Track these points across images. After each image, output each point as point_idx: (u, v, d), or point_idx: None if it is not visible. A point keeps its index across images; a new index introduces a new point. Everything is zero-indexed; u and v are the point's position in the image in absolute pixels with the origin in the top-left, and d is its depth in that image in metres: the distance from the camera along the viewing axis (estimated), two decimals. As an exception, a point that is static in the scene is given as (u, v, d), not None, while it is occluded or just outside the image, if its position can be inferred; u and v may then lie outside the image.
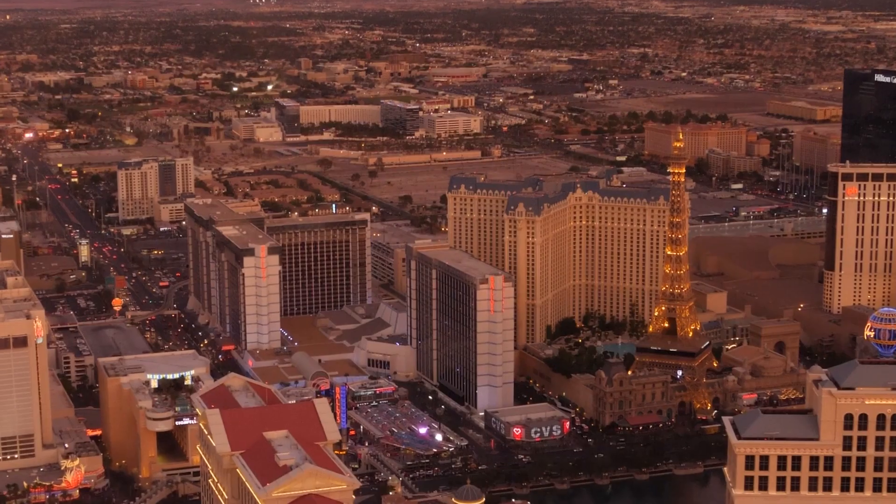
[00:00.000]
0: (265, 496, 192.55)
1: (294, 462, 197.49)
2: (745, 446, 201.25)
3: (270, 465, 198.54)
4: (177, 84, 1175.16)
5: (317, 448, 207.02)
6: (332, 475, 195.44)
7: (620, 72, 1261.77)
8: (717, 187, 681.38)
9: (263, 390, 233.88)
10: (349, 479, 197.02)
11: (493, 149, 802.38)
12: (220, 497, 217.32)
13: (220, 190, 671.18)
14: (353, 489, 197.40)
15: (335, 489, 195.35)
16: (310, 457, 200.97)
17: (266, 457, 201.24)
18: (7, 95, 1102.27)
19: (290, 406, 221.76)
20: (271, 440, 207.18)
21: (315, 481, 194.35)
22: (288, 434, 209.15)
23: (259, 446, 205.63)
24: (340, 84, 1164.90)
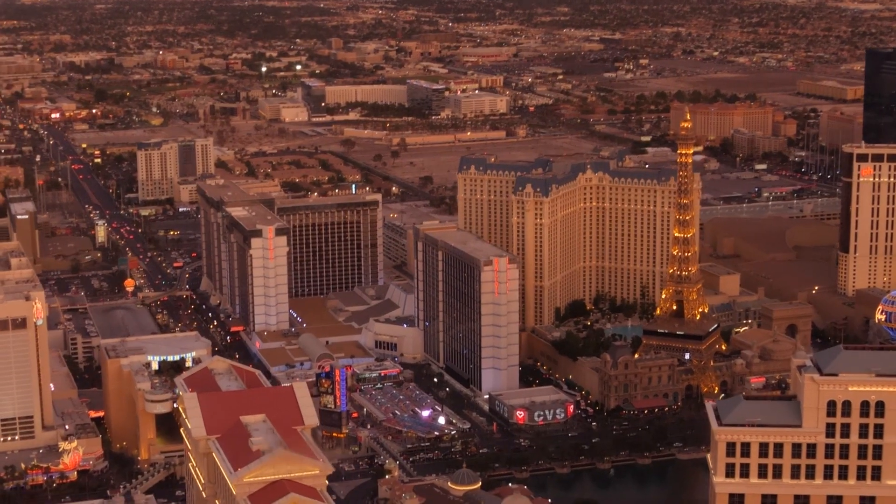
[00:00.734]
0: (236, 481, 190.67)
1: (267, 447, 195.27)
2: (726, 433, 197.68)
3: (244, 449, 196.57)
4: (206, 64, 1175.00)
5: (294, 433, 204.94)
6: (304, 460, 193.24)
7: (652, 51, 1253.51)
8: (740, 167, 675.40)
9: (247, 373, 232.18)
10: (322, 464, 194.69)
11: (518, 129, 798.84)
12: (198, 481, 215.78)
13: (241, 170, 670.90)
14: (326, 474, 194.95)
15: (308, 474, 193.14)
16: (285, 442, 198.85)
17: (241, 441, 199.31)
18: (38, 76, 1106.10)
19: (268, 390, 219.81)
20: (247, 424, 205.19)
21: (287, 466, 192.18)
22: (265, 418, 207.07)
23: (235, 431, 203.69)
24: (370, 64, 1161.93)
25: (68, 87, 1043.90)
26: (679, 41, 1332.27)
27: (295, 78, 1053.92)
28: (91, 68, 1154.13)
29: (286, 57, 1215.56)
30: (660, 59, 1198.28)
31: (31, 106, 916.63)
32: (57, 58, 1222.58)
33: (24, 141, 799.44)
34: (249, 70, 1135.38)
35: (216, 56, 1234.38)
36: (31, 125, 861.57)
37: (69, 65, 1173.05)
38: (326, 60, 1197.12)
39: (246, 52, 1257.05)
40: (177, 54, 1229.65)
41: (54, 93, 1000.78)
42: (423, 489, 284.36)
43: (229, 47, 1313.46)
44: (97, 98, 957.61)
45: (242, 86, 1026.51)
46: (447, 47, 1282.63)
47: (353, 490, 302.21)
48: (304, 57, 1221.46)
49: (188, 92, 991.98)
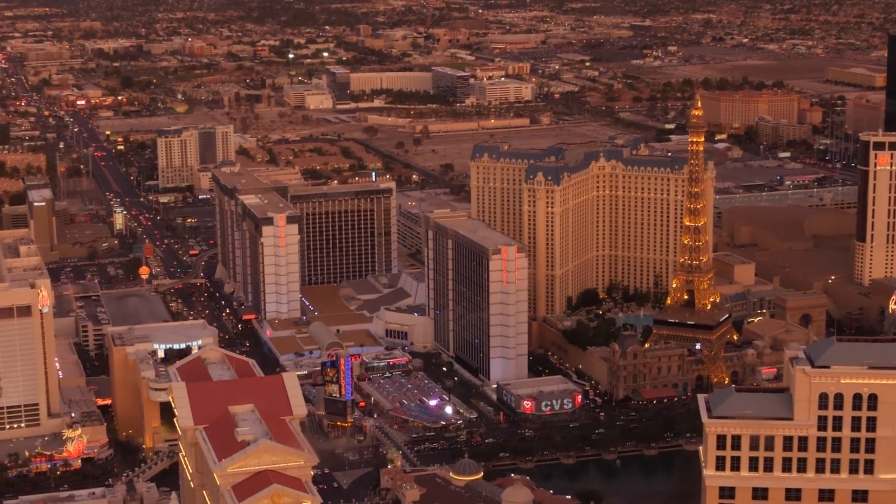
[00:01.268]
0: (220, 472, 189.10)
1: (253, 437, 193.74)
2: (717, 425, 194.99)
3: (230, 440, 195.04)
4: (234, 51, 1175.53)
5: (282, 423, 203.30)
6: (289, 451, 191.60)
7: (682, 38, 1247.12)
8: (764, 156, 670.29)
9: (240, 363, 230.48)
10: (308, 455, 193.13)
11: (542, 116, 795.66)
12: (187, 471, 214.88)
13: (263, 157, 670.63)
14: (311, 465, 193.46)
15: (292, 465, 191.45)
16: (272, 432, 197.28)
17: (227, 431, 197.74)
18: (66, 63, 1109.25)
19: (257, 380, 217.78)
20: (235, 414, 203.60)
21: (271, 457, 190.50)
22: (253, 408, 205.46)
23: (222, 421, 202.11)
24: (398, 51, 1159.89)
25: (96, 74, 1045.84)
26: (709, 28, 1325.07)
27: (321, 65, 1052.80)
28: (119, 55, 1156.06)
29: (314, 44, 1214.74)
30: (689, 46, 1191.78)
31: (57, 93, 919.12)
32: (86, 45, 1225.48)
33: (48, 128, 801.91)
34: (277, 57, 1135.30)
35: (244, 43, 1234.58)
36: (56, 112, 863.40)
37: (97, 52, 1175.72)
38: (354, 47, 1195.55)
39: (274, 39, 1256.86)
40: (205, 41, 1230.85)
41: (81, 80, 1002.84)
42: (425, 479, 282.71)
43: (258, 34, 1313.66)
44: (123, 85, 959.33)
45: (269, 73, 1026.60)
46: (476, 34, 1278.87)
47: (356, 480, 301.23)
48: (331, 44, 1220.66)
49: (214, 79, 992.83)
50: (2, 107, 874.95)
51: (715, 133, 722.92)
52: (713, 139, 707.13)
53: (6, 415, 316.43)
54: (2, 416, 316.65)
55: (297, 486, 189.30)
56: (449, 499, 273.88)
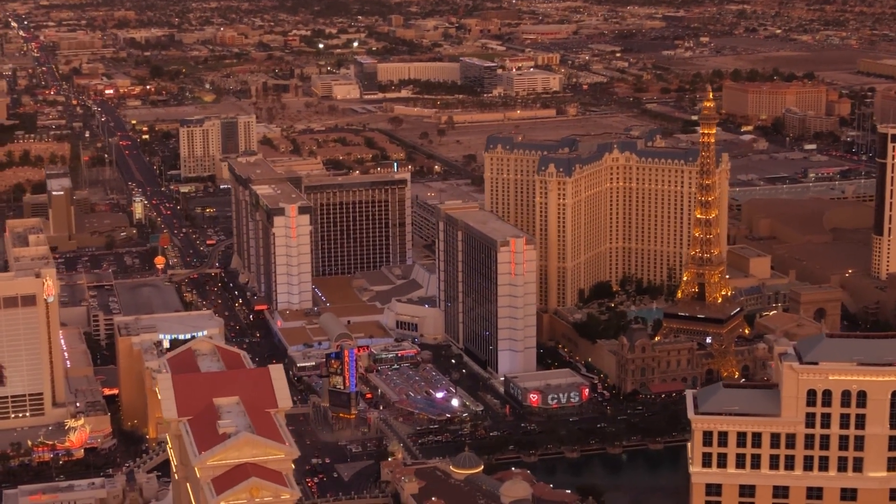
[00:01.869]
0: (200, 464, 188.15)
1: (234, 430, 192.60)
2: (703, 421, 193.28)
3: (212, 432, 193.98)
4: (265, 41, 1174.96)
5: (266, 415, 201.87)
6: (269, 444, 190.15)
7: (715, 29, 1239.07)
8: (790, 147, 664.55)
9: (231, 355, 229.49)
10: (288, 448, 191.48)
11: (569, 107, 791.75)
12: (172, 463, 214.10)
13: (287, 147, 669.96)
14: (291, 459, 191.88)
15: (273, 458, 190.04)
16: (255, 425, 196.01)
17: (210, 424, 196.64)
18: (97, 52, 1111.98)
19: (243, 372, 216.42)
20: (219, 407, 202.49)
21: (252, 450, 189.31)
22: (238, 401, 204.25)
23: (206, 413, 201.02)
24: (428, 41, 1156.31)
25: (126, 64, 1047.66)
26: (743, 19, 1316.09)
27: (351, 55, 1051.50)
28: (151, 44, 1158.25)
29: (345, 34, 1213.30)
30: (721, 36, 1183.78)
31: (86, 82, 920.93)
32: (118, 34, 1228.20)
33: (75, 117, 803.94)
34: (307, 47, 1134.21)
35: (276, 33, 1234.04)
36: (84, 101, 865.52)
37: (129, 41, 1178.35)
38: (385, 37, 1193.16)
39: (306, 29, 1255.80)
40: (237, 31, 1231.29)
41: (112, 69, 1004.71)
42: (425, 472, 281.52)
43: (290, 24, 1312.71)
44: (153, 74, 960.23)
45: (298, 63, 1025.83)
46: (507, 24, 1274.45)
47: (357, 472, 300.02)
48: (363, 34, 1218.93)
49: (244, 69, 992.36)
50: (31, 96, 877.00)
51: (741, 125, 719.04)
52: (739, 131, 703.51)
53: (10, 404, 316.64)
54: (6, 406, 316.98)
55: (277, 480, 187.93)
56: (448, 492, 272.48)
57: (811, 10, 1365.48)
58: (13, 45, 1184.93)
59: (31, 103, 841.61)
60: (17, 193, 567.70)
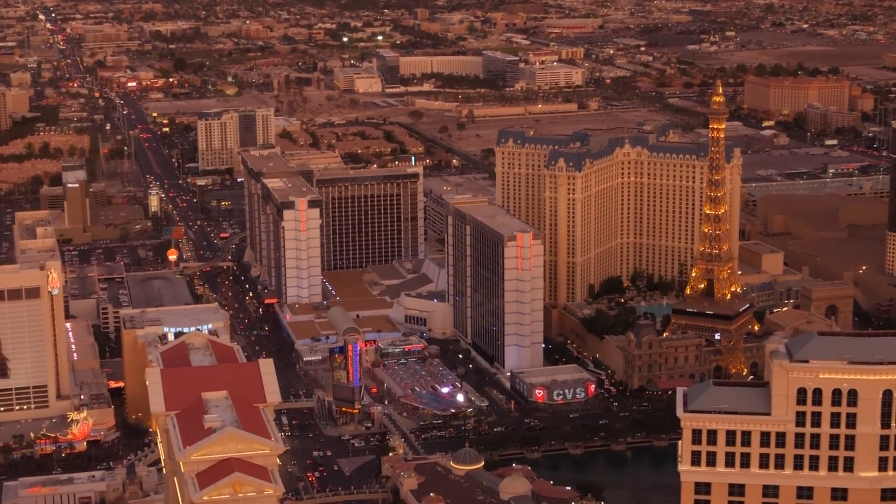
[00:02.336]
0: (184, 458, 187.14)
1: (219, 425, 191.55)
2: (692, 419, 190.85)
3: (198, 426, 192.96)
4: (290, 34, 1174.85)
5: (254, 410, 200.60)
6: (254, 439, 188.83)
7: (741, 23, 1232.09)
8: (811, 143, 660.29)
9: (224, 349, 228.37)
10: (273, 443, 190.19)
11: (591, 101, 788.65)
12: (161, 457, 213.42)
13: (306, 140, 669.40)
14: (277, 454, 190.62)
15: (258, 453, 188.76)
16: (242, 419, 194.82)
17: (196, 418, 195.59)
18: (122, 45, 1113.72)
19: (233, 366, 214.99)
20: (207, 401, 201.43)
21: (236, 445, 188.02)
22: (227, 395, 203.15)
23: (194, 407, 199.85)
24: (453, 35, 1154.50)
25: (151, 57, 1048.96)
26: (770, 13, 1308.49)
27: (376, 48, 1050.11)
28: (176, 37, 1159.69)
29: (370, 27, 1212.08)
30: (747, 31, 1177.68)
31: (109, 74, 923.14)
32: (144, 27, 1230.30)
33: (97, 109, 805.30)
34: (332, 40, 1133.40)
35: (301, 26, 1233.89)
36: (106, 94, 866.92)
37: (155, 34, 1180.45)
38: (410, 31, 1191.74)
39: (332, 22, 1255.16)
40: (262, 24, 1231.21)
41: (136, 62, 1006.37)
42: (426, 468, 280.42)
43: (316, 17, 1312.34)
44: (176, 67, 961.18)
45: (322, 56, 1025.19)
46: (533, 18, 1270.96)
47: (359, 467, 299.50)
48: (388, 27, 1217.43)
49: (267, 62, 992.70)
50: (54, 88, 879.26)
51: (763, 120, 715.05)
52: (760, 126, 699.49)
53: (15, 396, 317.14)
54: (10, 398, 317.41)
55: (262, 475, 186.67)
56: (447, 488, 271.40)
57: (839, 5, 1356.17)
58: (40, 37, 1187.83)
59: (53, 96, 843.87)
60: (35, 185, 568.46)
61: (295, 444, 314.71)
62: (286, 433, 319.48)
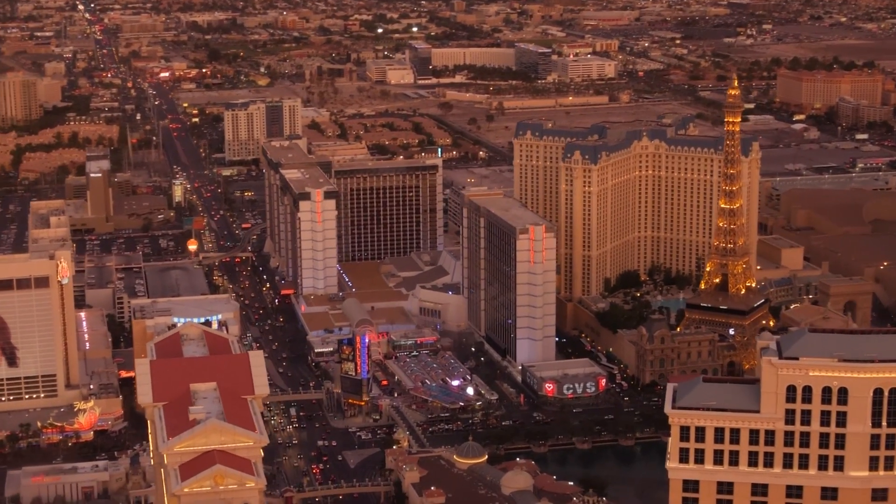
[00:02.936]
0: (167, 450, 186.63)
1: (204, 416, 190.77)
2: (680, 416, 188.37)
3: (183, 418, 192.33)
4: (326, 25, 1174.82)
5: (241, 402, 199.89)
6: (237, 431, 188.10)
7: (779, 16, 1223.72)
8: (842, 137, 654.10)
9: (218, 340, 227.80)
10: (257, 436, 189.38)
11: (622, 94, 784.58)
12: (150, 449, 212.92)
13: (334, 132, 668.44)
14: (260, 446, 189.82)
15: (241, 446, 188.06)
16: (229, 411, 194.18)
17: (184, 410, 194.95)
18: (158, 35, 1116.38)
19: (223, 358, 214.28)
20: (195, 392, 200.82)
21: (220, 437, 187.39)
22: (215, 387, 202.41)
23: (181, 399, 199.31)
24: (489, 26, 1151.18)
25: (186, 47, 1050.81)
26: (809, 6, 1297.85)
27: (410, 40, 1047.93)
28: (212, 28, 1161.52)
29: (406, 19, 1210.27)
30: (785, 24, 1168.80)
31: (143, 65, 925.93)
32: (181, 17, 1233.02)
33: (129, 100, 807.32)
34: (367, 31, 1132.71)
35: (337, 17, 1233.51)
36: (139, 84, 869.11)
37: (191, 24, 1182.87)
38: (446, 22, 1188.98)
39: (368, 14, 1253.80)
40: (299, 14, 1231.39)
41: (171, 52, 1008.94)
42: (429, 461, 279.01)
43: (353, 8, 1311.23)
44: (210, 58, 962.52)
45: (357, 47, 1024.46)
46: (570, 10, 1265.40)
47: (364, 459, 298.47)
48: (424, 19, 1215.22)
49: (301, 53, 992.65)
50: (88, 78, 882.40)
51: (794, 113, 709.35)
52: (791, 119, 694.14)
53: (23, 385, 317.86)
54: (19, 386, 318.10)
55: (245, 468, 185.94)
56: (449, 482, 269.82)
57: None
58: (77, 27, 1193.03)
59: (86, 86, 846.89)
60: (61, 175, 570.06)
61: (302, 435, 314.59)
62: (294, 424, 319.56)
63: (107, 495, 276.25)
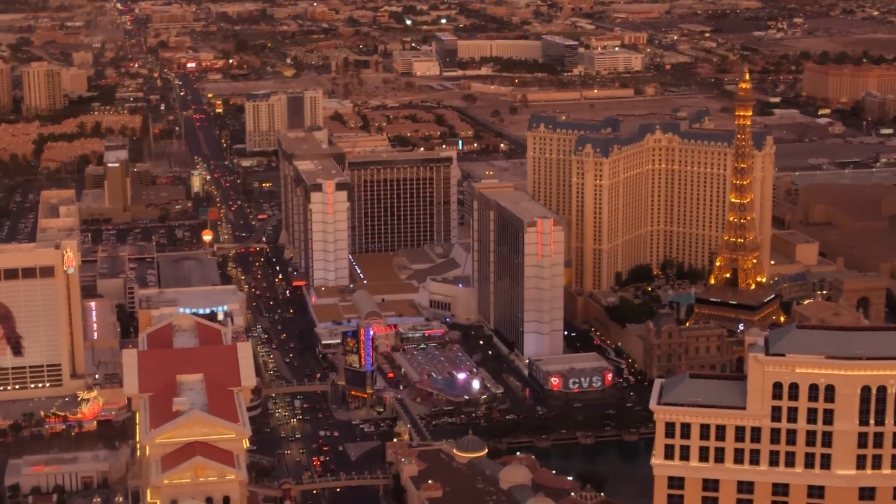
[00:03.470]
0: (149, 441, 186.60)
1: (187, 408, 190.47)
2: (665, 412, 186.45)
3: (167, 409, 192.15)
4: (356, 16, 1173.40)
5: (227, 394, 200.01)
6: (219, 423, 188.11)
7: (811, 10, 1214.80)
8: (866, 132, 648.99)
9: (209, 331, 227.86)
10: (240, 428, 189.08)
11: (647, 87, 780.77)
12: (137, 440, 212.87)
13: (356, 123, 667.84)
14: (242, 438, 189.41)
15: (224, 438, 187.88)
16: (213, 403, 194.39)
17: (167, 401, 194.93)
18: (187, 25, 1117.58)
19: (211, 349, 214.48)
20: (182, 384, 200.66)
21: (202, 429, 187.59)
22: (202, 378, 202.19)
23: (167, 390, 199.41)
24: (518, 18, 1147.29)
25: (215, 38, 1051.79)
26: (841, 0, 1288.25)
27: (440, 31, 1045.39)
28: (242, 19, 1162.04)
29: (436, 10, 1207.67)
30: (817, 18, 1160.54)
31: (170, 55, 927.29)
32: (211, 8, 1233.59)
33: (154, 90, 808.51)
34: (396, 23, 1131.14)
35: (367, 8, 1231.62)
36: (165, 74, 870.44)
37: (221, 15, 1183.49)
38: (476, 14, 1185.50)
39: (398, 5, 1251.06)
40: (328, 6, 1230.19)
41: (199, 42, 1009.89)
42: (429, 455, 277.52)
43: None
44: (237, 49, 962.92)
45: (385, 39, 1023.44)
46: (600, 2, 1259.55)
47: (366, 452, 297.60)
48: (454, 10, 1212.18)
49: (329, 44, 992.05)
50: (115, 68, 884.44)
51: (820, 108, 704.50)
52: (816, 114, 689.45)
53: (29, 374, 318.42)
54: (25, 376, 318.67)
55: (226, 459, 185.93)
56: (448, 475, 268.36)
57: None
58: (108, 17, 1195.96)
59: (113, 76, 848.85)
60: (82, 165, 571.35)
61: (305, 427, 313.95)
62: (298, 417, 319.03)
63: (106, 485, 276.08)
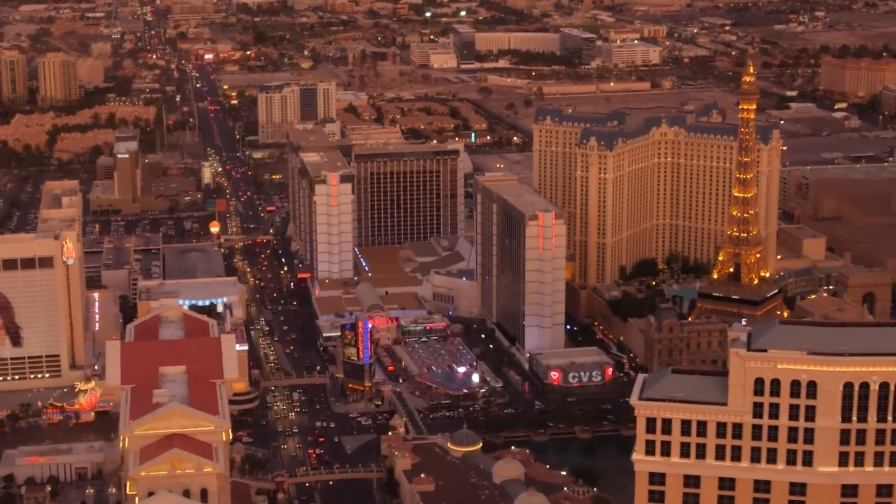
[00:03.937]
0: (128, 433, 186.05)
1: (166, 400, 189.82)
2: (646, 407, 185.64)
3: (147, 401, 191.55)
4: (375, 8, 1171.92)
5: (209, 386, 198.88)
6: (198, 416, 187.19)
7: (833, 3, 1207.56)
8: (883, 126, 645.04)
9: (196, 323, 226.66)
10: (219, 420, 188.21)
11: (664, 80, 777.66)
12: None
13: (370, 115, 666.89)
14: (221, 431, 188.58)
15: (203, 430, 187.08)
16: (194, 395, 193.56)
17: (148, 393, 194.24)
18: (207, 17, 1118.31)
19: (194, 341, 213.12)
20: (164, 376, 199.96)
21: (181, 421, 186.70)
22: (184, 370, 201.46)
23: (149, 382, 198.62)
24: (538, 11, 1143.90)
25: (234, 29, 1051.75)
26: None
27: (459, 24, 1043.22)
28: (262, 10, 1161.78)
29: (455, 2, 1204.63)
30: (839, 11, 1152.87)
31: (188, 46, 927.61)
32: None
33: (171, 81, 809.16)
34: (415, 15, 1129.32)
35: (387, 0, 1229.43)
36: (182, 66, 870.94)
37: (241, 6, 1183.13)
38: (496, 7, 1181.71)
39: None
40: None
41: (218, 34, 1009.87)
42: (423, 448, 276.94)
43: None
44: (256, 40, 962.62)
45: (404, 31, 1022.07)
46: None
47: (362, 445, 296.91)
48: (474, 2, 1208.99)
49: (347, 36, 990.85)
50: (133, 59, 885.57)
51: (837, 102, 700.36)
52: (833, 108, 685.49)
53: (27, 365, 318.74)
54: (23, 366, 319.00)
55: (204, 452, 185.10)
56: (441, 469, 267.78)
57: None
58: (128, 8, 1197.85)
59: (130, 67, 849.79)
60: (94, 155, 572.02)
61: (303, 419, 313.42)
62: (296, 409, 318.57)
63: (101, 476, 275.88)
